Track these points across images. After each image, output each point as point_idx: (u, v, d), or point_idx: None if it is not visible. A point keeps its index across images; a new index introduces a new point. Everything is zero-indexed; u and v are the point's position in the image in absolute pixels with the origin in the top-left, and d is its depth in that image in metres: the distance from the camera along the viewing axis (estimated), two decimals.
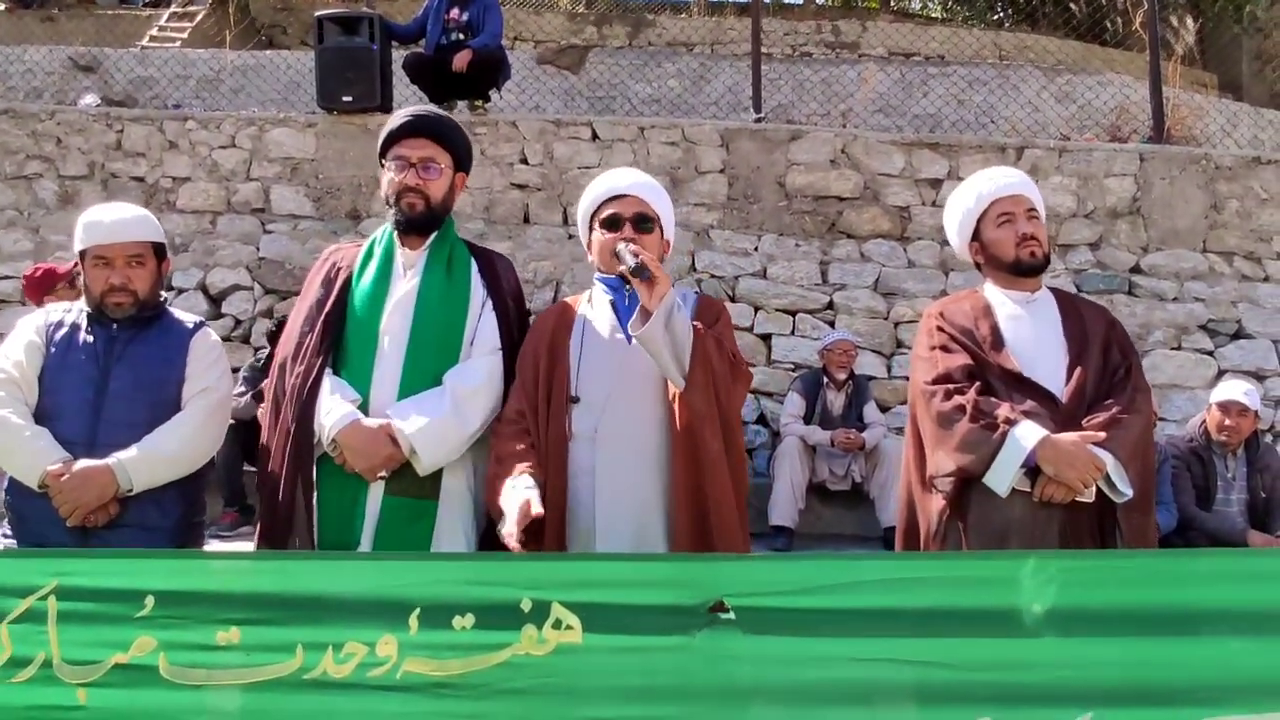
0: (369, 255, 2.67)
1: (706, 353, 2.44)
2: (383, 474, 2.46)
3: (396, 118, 2.68)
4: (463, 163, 2.73)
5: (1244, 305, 6.38)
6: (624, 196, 2.61)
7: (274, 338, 5.54)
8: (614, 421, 2.45)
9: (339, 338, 2.57)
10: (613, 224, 2.59)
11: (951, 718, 1.81)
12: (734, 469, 2.49)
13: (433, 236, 2.67)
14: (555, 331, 2.58)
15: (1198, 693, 1.82)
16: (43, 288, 4.65)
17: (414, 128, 2.64)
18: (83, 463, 2.48)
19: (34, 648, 1.87)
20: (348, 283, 2.63)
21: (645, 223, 2.59)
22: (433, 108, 2.94)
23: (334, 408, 2.46)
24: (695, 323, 2.47)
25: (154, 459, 2.55)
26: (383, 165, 2.69)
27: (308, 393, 2.49)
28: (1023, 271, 2.69)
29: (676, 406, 2.44)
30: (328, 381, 2.50)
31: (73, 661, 1.87)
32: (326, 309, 2.58)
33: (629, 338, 2.50)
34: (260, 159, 6.87)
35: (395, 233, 2.66)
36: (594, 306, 2.64)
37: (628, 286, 2.55)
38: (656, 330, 2.36)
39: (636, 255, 2.40)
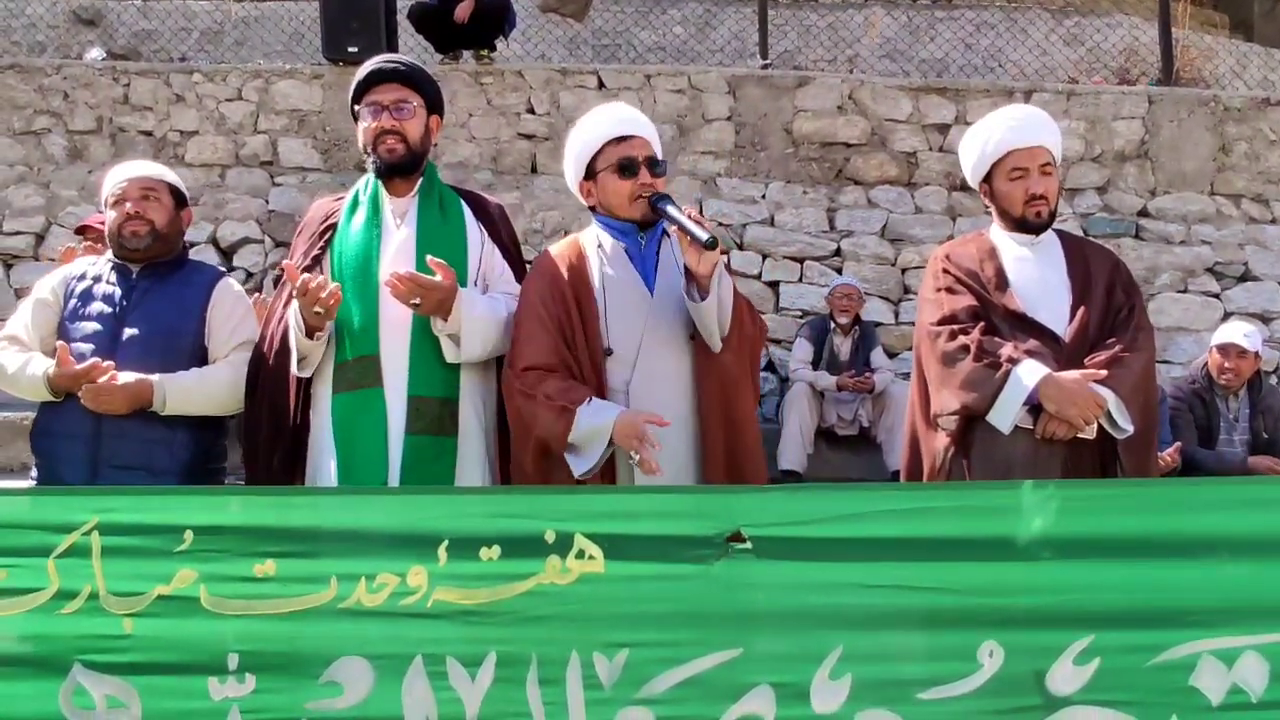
0: (354, 205, 2.68)
1: (741, 315, 2.47)
2: (415, 301, 2.45)
3: (363, 68, 2.70)
4: (435, 105, 2.73)
5: (1251, 248, 6.39)
6: (631, 138, 2.54)
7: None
8: (646, 375, 2.45)
9: None
10: (628, 169, 2.52)
11: (957, 641, 1.89)
12: None
13: (419, 183, 2.68)
14: (573, 281, 2.50)
15: (1196, 616, 1.89)
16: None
17: (382, 74, 2.66)
18: (129, 376, 2.55)
19: (80, 581, 1.95)
20: (334, 233, 2.66)
21: (657, 165, 2.55)
22: (398, 55, 2.96)
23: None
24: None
25: (192, 390, 2.62)
26: (356, 119, 2.71)
27: (284, 333, 2.56)
28: (1027, 229, 2.71)
29: (707, 366, 2.46)
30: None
31: (118, 593, 1.94)
32: (313, 258, 2.62)
33: (651, 290, 2.51)
34: (267, 111, 6.86)
35: (379, 181, 2.67)
36: (607, 253, 2.55)
37: (642, 236, 2.54)
38: (714, 300, 2.37)
39: (700, 224, 2.36)
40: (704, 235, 2.32)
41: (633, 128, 2.57)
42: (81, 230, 5.23)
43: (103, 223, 4.92)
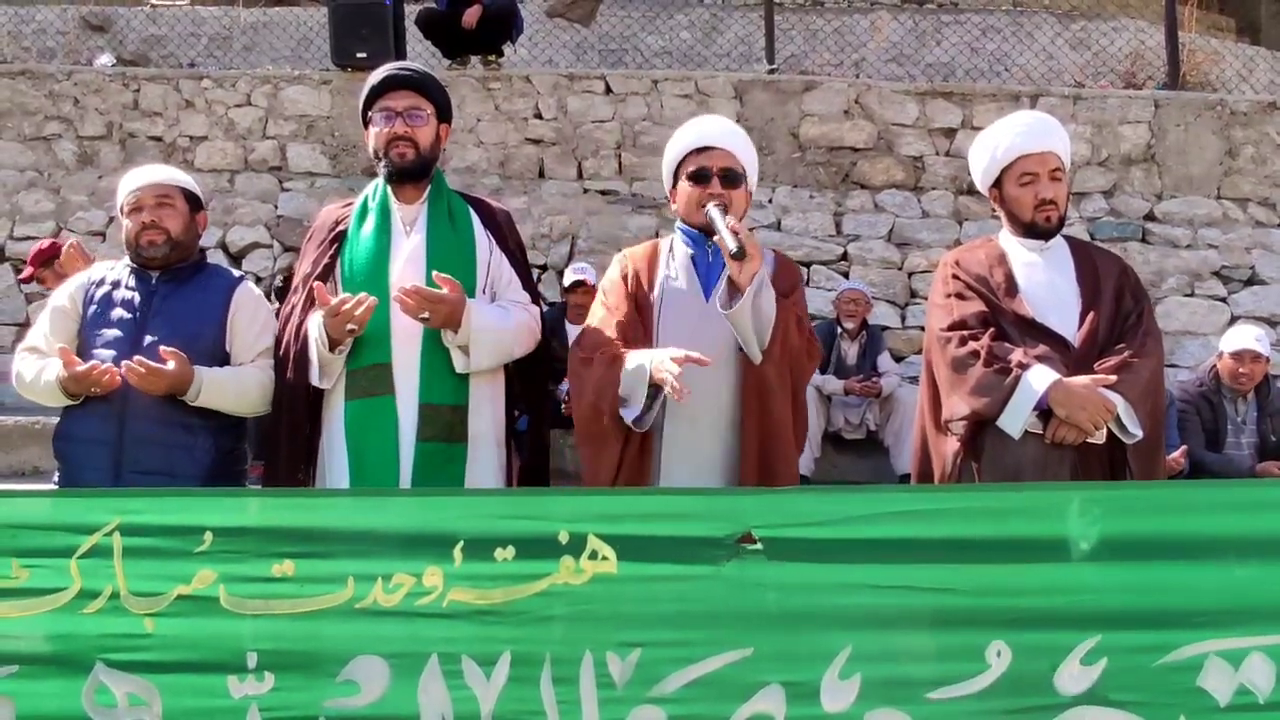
0: (363, 212, 2.71)
1: (787, 328, 2.49)
2: (424, 315, 2.49)
3: (376, 74, 2.73)
4: (444, 113, 2.77)
5: (1258, 251, 6.39)
6: (712, 149, 2.60)
7: (281, 293, 5.60)
8: (688, 379, 2.42)
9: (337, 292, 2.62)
10: (700, 177, 2.58)
11: (965, 641, 1.92)
12: (796, 439, 2.58)
13: (428, 190, 2.71)
14: (635, 282, 2.59)
15: (1202, 617, 1.92)
16: (40, 260, 4.81)
17: (395, 81, 2.70)
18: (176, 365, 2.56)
19: (102, 581, 1.98)
20: (344, 241, 2.68)
21: (732, 177, 2.59)
22: (410, 63, 3.00)
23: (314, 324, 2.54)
24: (779, 297, 2.50)
25: (227, 385, 2.64)
26: (366, 125, 2.74)
27: (301, 344, 2.59)
28: (1037, 234, 2.74)
29: (748, 376, 2.48)
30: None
31: (139, 593, 1.98)
32: (324, 266, 2.65)
33: (707, 296, 2.55)
34: (276, 117, 6.90)
35: (388, 187, 2.70)
36: (675, 258, 2.64)
37: (709, 243, 2.57)
38: (745, 310, 2.39)
39: (736, 234, 2.37)
40: (732, 245, 2.35)
41: (714, 140, 2.63)
42: (37, 257, 5.01)
43: (55, 246, 4.88)
